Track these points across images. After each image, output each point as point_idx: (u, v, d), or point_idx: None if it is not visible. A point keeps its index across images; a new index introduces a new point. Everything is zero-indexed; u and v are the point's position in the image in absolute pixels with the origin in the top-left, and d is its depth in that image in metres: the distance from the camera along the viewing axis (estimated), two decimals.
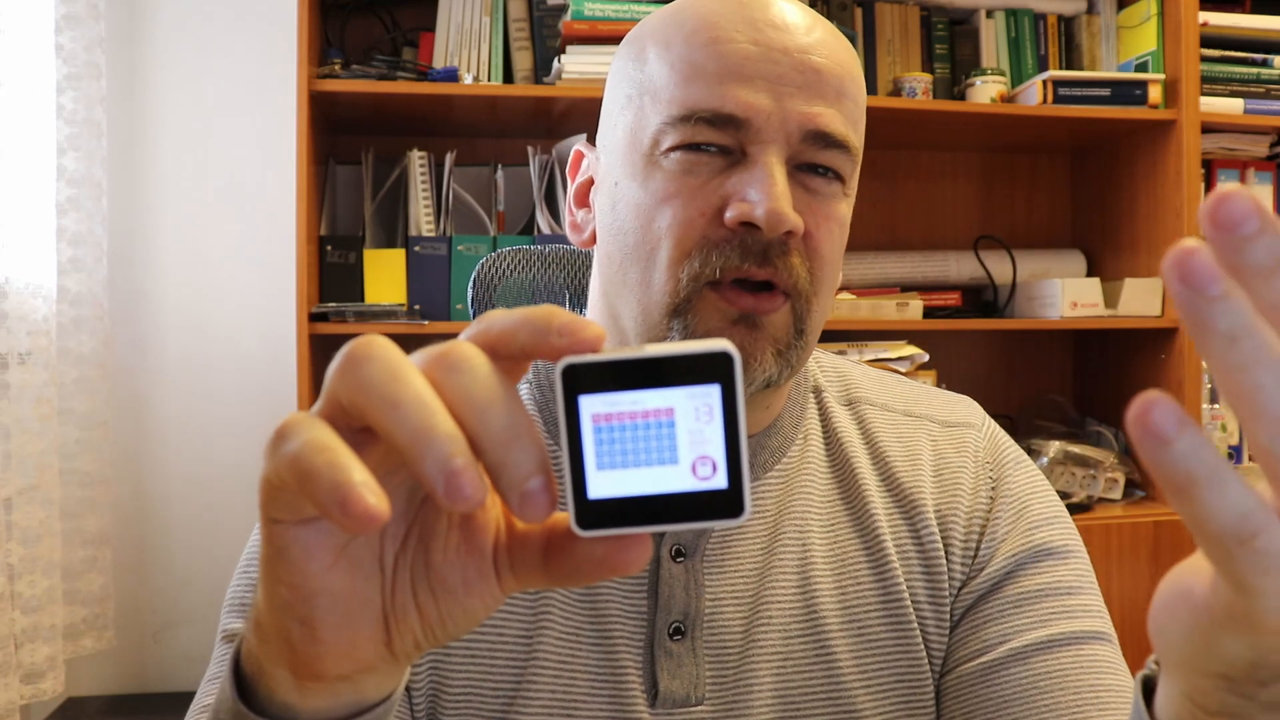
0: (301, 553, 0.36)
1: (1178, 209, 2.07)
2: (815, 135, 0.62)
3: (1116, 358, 2.27)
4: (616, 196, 0.66)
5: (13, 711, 1.65)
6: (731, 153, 0.62)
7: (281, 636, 0.38)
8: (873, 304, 2.02)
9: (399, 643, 0.39)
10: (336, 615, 0.37)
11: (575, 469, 0.34)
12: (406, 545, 0.39)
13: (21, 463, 1.73)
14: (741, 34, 0.62)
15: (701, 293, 0.61)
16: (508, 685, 0.65)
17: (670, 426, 0.34)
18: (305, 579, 0.36)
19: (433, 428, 0.32)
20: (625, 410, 0.34)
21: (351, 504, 0.31)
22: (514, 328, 0.35)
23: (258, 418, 2.15)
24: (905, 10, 2.18)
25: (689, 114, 0.62)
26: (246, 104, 2.17)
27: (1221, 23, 2.12)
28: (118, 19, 2.12)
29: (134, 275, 2.14)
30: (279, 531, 0.36)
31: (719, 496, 0.35)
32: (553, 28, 1.96)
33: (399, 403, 0.33)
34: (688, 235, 0.61)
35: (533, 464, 0.33)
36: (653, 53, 0.66)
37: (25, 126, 1.81)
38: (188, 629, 2.13)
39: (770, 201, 0.59)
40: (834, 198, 0.65)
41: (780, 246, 0.61)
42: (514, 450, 0.33)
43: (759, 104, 0.61)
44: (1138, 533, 1.98)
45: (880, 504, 0.70)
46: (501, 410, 0.34)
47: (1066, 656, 0.64)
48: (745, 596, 0.67)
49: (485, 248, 1.95)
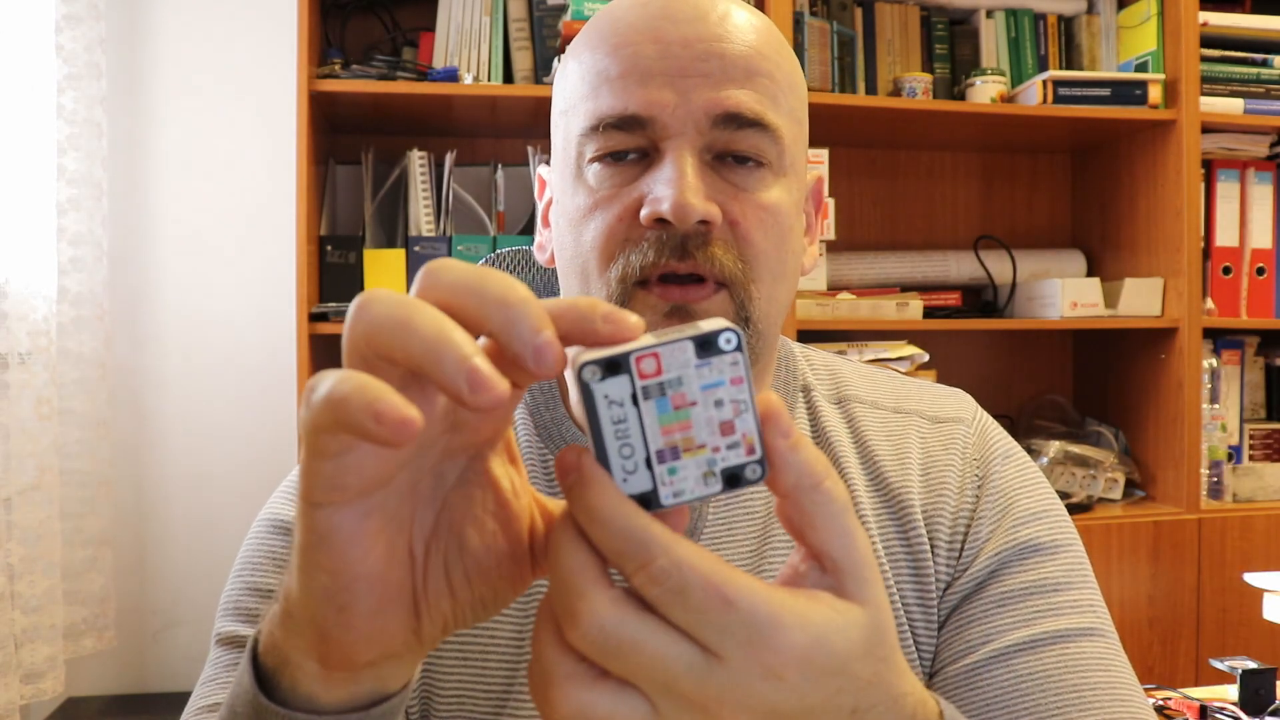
0: (343, 538, 0.36)
1: (1178, 209, 2.07)
2: (725, 118, 0.61)
3: (1116, 358, 2.27)
4: (558, 213, 0.68)
5: (13, 711, 1.65)
6: (648, 155, 0.63)
7: (315, 625, 0.38)
8: (873, 304, 2.02)
9: (428, 627, 0.40)
10: (374, 600, 0.38)
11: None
12: (438, 531, 0.40)
13: (21, 463, 1.73)
14: (641, 35, 0.63)
15: (632, 293, 0.62)
16: (499, 687, 0.65)
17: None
18: (347, 563, 0.37)
19: (444, 333, 0.34)
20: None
21: (385, 414, 0.32)
22: (562, 310, 0.36)
23: (258, 418, 2.16)
24: (905, 10, 2.18)
25: (598, 122, 0.63)
26: (246, 104, 2.17)
27: (1221, 23, 2.12)
28: (118, 19, 2.12)
29: (134, 275, 2.14)
30: (322, 517, 0.36)
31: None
32: (553, 28, 1.96)
33: (407, 322, 0.34)
34: (610, 241, 0.62)
35: (535, 320, 0.35)
36: (570, 66, 0.67)
37: (25, 126, 1.81)
38: (188, 629, 2.13)
39: (677, 194, 0.59)
40: (761, 185, 0.63)
41: (698, 238, 0.61)
42: (514, 311, 0.35)
43: (661, 99, 0.61)
44: (1138, 533, 1.98)
45: (869, 504, 0.70)
46: (494, 282, 0.35)
47: (1050, 656, 0.63)
48: None
49: (485, 248, 1.95)
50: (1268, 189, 2.19)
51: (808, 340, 1.82)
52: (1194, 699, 1.24)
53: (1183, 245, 2.06)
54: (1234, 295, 2.17)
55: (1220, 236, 2.16)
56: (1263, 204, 2.18)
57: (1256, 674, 1.19)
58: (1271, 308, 2.18)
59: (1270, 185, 2.19)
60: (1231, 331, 2.22)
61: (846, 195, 2.29)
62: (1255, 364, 2.27)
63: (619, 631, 0.35)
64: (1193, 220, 2.07)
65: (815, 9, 2.13)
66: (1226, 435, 2.17)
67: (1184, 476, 2.06)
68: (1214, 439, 2.14)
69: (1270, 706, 1.18)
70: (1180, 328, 2.06)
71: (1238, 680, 1.19)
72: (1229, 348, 2.20)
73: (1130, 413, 2.23)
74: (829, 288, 2.09)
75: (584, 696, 0.36)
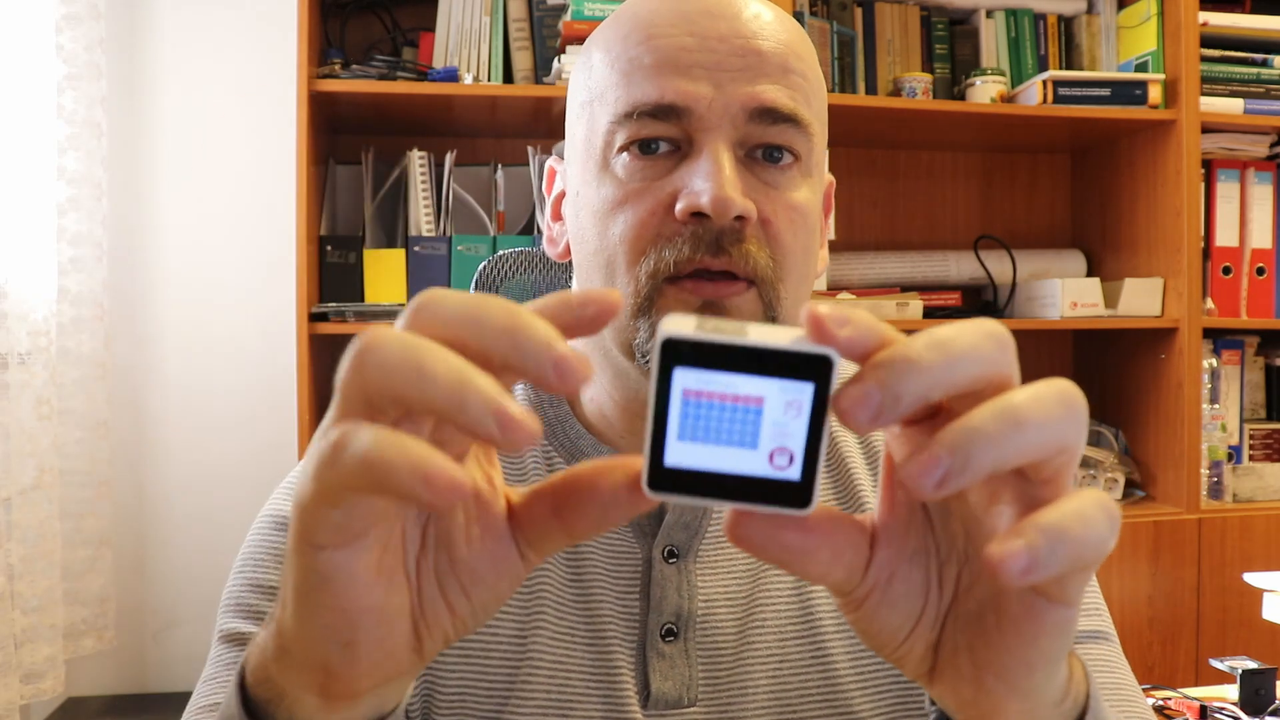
0: (346, 577, 0.36)
1: (1178, 209, 2.07)
2: (760, 112, 0.61)
3: (1116, 358, 2.27)
4: (579, 205, 0.66)
5: (13, 711, 1.65)
6: (680, 147, 0.62)
7: (317, 662, 0.38)
8: (873, 304, 2.02)
9: (429, 644, 0.39)
10: (378, 631, 0.37)
11: (657, 434, 0.35)
12: (425, 549, 0.39)
13: (21, 463, 1.73)
14: (677, 28, 0.62)
15: (661, 289, 0.61)
16: (501, 685, 0.65)
17: (758, 414, 0.34)
18: (351, 601, 0.36)
19: (464, 379, 0.33)
20: (717, 390, 0.34)
21: (435, 480, 0.31)
22: (528, 321, 0.35)
23: (258, 418, 2.16)
24: (905, 10, 2.18)
25: (632, 109, 0.62)
26: (246, 104, 2.17)
27: (1221, 23, 2.12)
28: (118, 19, 2.12)
29: (134, 275, 2.14)
30: (323, 558, 0.35)
31: (789, 487, 0.35)
32: (553, 28, 1.96)
33: (422, 369, 0.33)
34: (641, 235, 0.62)
35: (547, 337, 0.34)
36: (597, 58, 0.66)
37: (25, 126, 1.81)
38: (188, 629, 2.13)
39: (716, 188, 0.59)
40: (791, 184, 0.63)
41: (733, 234, 0.60)
42: (523, 333, 0.34)
43: (699, 92, 0.61)
44: (1138, 533, 1.98)
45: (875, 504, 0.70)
46: (493, 311, 0.34)
47: None
48: (739, 598, 0.67)
49: (485, 248, 1.95)
50: (1268, 189, 2.19)
51: None
52: (1194, 699, 1.24)
53: (1183, 245, 2.06)
54: (1234, 295, 2.17)
55: (1220, 236, 2.16)
56: (1263, 204, 2.18)
57: (1256, 674, 1.19)
58: (1271, 308, 2.18)
59: (1270, 185, 2.19)
60: (1231, 331, 2.22)
61: (846, 195, 2.29)
62: (1255, 364, 2.27)
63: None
64: (1193, 220, 2.07)
65: (815, 9, 2.13)
66: (1226, 435, 2.17)
67: (1184, 476, 2.06)
68: (1214, 439, 2.14)
69: (1270, 706, 1.18)
70: (1180, 328, 2.06)
71: (1238, 680, 1.19)
72: (1229, 348, 2.20)
73: (1130, 413, 2.23)
74: (829, 288, 2.09)
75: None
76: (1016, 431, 0.33)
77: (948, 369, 0.33)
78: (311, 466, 0.34)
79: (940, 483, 0.33)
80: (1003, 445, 0.33)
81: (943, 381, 0.34)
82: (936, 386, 0.33)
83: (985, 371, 0.34)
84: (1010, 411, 0.33)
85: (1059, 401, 0.34)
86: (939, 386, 0.34)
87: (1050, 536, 0.33)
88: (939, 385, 0.34)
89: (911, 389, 0.33)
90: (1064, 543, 0.33)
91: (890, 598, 0.39)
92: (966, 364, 0.34)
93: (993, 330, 0.35)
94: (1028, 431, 0.33)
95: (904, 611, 0.39)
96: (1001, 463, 0.33)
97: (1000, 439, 0.33)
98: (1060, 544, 0.33)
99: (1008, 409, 0.33)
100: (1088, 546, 0.34)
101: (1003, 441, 0.33)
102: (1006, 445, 0.33)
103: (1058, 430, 0.34)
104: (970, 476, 0.33)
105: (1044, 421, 0.34)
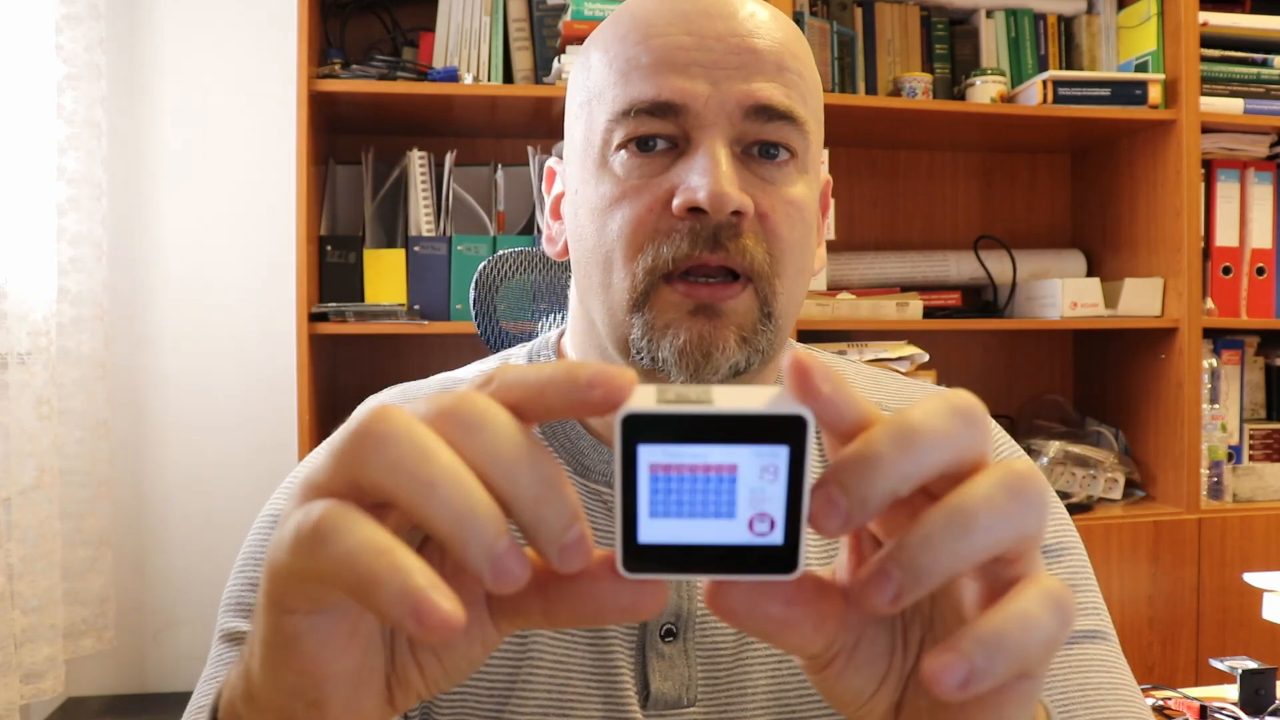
0: (316, 641, 0.34)
1: (1178, 209, 2.07)
2: (757, 109, 0.62)
3: (1116, 358, 2.27)
4: (577, 203, 0.67)
5: (13, 711, 1.65)
6: (677, 144, 0.63)
7: (284, 716, 0.36)
8: (873, 304, 2.02)
9: (401, 700, 0.38)
10: (346, 691, 0.36)
11: (627, 513, 0.33)
12: None
13: (21, 463, 1.73)
14: (674, 27, 0.63)
15: (657, 286, 0.61)
16: (502, 684, 0.65)
17: (731, 482, 0.33)
18: (318, 665, 0.35)
19: (473, 511, 0.31)
20: (686, 463, 0.32)
21: (426, 613, 0.29)
22: (537, 389, 0.33)
23: (257, 418, 2.16)
24: (905, 10, 2.18)
25: (629, 107, 0.62)
26: (246, 104, 2.17)
27: (1221, 23, 2.12)
28: (118, 19, 2.12)
29: (134, 275, 2.14)
30: (291, 622, 0.34)
31: (772, 552, 0.34)
32: (553, 28, 1.96)
33: (433, 484, 0.31)
34: (639, 231, 0.62)
35: (568, 515, 0.32)
36: (595, 58, 0.67)
37: (25, 126, 1.81)
38: (188, 629, 2.13)
39: (713, 184, 0.59)
40: (787, 180, 0.64)
41: (731, 229, 0.61)
42: (548, 506, 0.32)
43: (696, 90, 0.61)
44: (1138, 533, 1.98)
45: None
46: (530, 466, 0.32)
47: (1055, 658, 0.64)
48: None
49: (485, 248, 1.95)
50: (1268, 189, 2.19)
51: (808, 340, 1.82)
52: (1194, 699, 1.24)
53: (1182, 245, 2.06)
54: (1234, 295, 2.17)
55: (1220, 236, 2.16)
56: (1263, 204, 2.18)
57: (1256, 674, 1.19)
58: (1271, 308, 2.18)
59: (1270, 185, 2.19)
60: (1231, 331, 2.22)
61: (846, 195, 2.29)
62: (1255, 364, 2.27)
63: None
64: (1193, 220, 2.07)
65: (815, 9, 2.13)
66: (1226, 435, 2.17)
67: (1184, 476, 2.06)
68: (1214, 439, 2.14)
69: (1270, 706, 1.18)
70: (1180, 328, 2.06)
71: (1238, 680, 1.19)
72: (1229, 348, 2.20)
73: (1130, 413, 2.23)
74: (829, 288, 2.09)
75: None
76: (970, 536, 0.32)
77: (914, 463, 0.32)
78: (289, 538, 0.32)
79: (894, 599, 0.32)
80: (956, 553, 0.32)
81: (910, 476, 0.32)
82: (905, 482, 0.32)
83: (955, 456, 0.33)
84: (961, 517, 0.32)
85: (1014, 495, 0.33)
86: (907, 481, 0.32)
87: (988, 646, 0.31)
88: (907, 480, 0.32)
89: (879, 491, 0.32)
90: (1003, 652, 0.32)
91: (856, 661, 0.38)
92: (935, 453, 0.32)
93: (961, 406, 0.33)
94: (981, 534, 0.32)
95: (868, 675, 0.38)
96: (955, 570, 0.32)
97: (954, 547, 0.32)
98: (999, 654, 0.32)
99: (959, 514, 0.32)
100: (1029, 650, 0.32)
101: (957, 548, 0.32)
102: (960, 551, 0.32)
103: (1014, 525, 0.33)
104: (925, 588, 0.32)
105: (999, 519, 0.32)
